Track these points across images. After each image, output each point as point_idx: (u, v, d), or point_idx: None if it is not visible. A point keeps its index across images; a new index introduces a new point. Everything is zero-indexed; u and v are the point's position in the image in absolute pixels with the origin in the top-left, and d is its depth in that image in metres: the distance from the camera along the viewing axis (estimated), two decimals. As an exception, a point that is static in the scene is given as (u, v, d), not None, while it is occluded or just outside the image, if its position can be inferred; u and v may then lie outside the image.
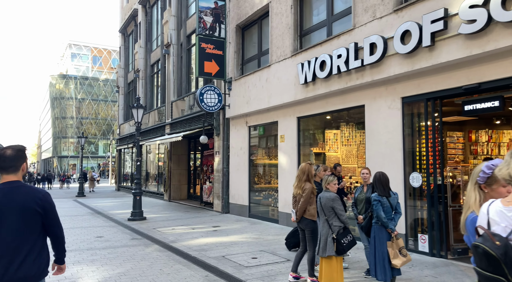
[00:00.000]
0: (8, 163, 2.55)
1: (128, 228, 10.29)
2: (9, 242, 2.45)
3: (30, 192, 2.57)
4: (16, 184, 2.56)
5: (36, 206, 2.54)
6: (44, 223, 2.60)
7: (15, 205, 2.48)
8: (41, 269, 2.55)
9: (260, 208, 11.58)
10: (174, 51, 17.88)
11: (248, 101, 11.53)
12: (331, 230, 4.35)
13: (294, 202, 5.33)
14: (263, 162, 11.77)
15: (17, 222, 2.47)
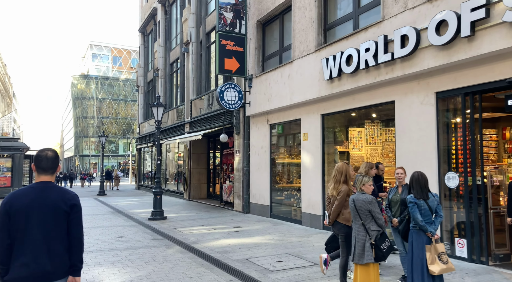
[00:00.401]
0: (50, 164, 2.66)
1: (149, 227, 10.18)
2: (38, 239, 2.52)
3: (61, 192, 2.66)
4: (49, 184, 2.65)
5: (65, 206, 2.61)
6: (68, 223, 2.64)
7: (47, 204, 2.56)
8: (63, 267, 2.60)
9: (282, 208, 11.28)
10: (193, 49, 17.75)
11: (269, 98, 11.24)
12: (369, 235, 4.02)
13: (328, 204, 5.01)
14: (284, 160, 11.46)
15: (46, 220, 2.55)
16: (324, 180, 9.39)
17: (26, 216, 2.52)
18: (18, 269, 2.48)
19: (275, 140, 11.82)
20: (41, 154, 2.67)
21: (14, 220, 2.50)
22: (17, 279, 2.48)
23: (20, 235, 2.51)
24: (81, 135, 70.53)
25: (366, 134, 9.25)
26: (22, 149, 21.39)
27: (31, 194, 2.58)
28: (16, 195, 2.60)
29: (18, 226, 2.51)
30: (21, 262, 2.48)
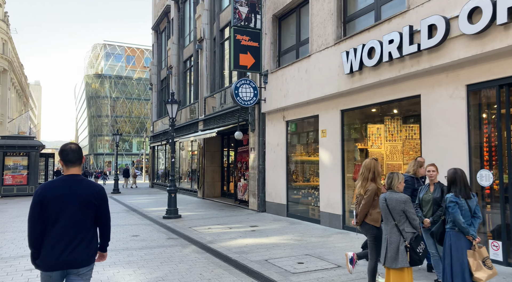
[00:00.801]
0: (76, 156, 2.85)
1: (164, 226, 10.00)
2: (68, 228, 2.71)
3: (89, 185, 2.86)
4: (78, 177, 2.85)
5: (93, 199, 2.82)
6: (96, 214, 2.86)
7: (77, 196, 2.76)
8: (90, 255, 2.82)
9: (299, 207, 10.98)
10: (207, 46, 17.55)
11: (286, 94, 10.94)
12: (403, 237, 3.70)
13: (356, 203, 4.71)
14: (301, 158, 11.15)
15: (76, 211, 2.74)
16: (344, 178, 9.06)
17: (57, 206, 2.71)
18: (49, 254, 2.68)
19: (291, 137, 11.53)
20: (66, 148, 2.86)
21: (47, 209, 2.70)
22: (47, 263, 2.68)
23: (51, 223, 2.71)
24: (95, 134, 71.32)
25: (387, 130, 8.89)
26: (38, 147, 21.56)
27: (62, 186, 2.77)
28: (48, 186, 2.78)
29: (50, 215, 2.70)
30: (50, 249, 2.68)
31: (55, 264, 2.69)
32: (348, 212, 8.98)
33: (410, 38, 6.75)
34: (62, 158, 2.86)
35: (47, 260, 2.69)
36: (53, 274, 2.72)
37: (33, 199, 2.76)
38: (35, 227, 2.70)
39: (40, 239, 2.72)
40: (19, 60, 66.88)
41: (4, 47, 50.86)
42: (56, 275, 2.73)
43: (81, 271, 2.79)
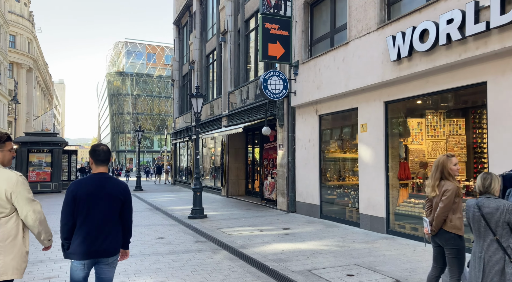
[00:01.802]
0: (106, 156, 3.07)
1: (190, 227, 9.39)
2: (98, 221, 2.95)
3: (116, 182, 3.09)
4: (106, 175, 3.08)
5: (120, 195, 3.05)
6: (122, 209, 3.08)
7: (105, 193, 2.99)
8: (117, 246, 3.07)
9: (334, 208, 10.16)
10: (231, 38, 16.86)
11: (319, 86, 10.12)
12: (509, 257, 2.88)
13: (428, 208, 3.88)
14: (336, 155, 10.32)
15: (105, 206, 2.98)
16: (388, 177, 8.19)
17: (88, 201, 2.94)
18: (80, 245, 2.89)
19: (325, 132, 10.70)
20: (98, 148, 3.08)
21: (78, 204, 2.93)
22: (78, 253, 2.90)
23: (82, 217, 2.94)
24: (117, 131, 72.03)
25: (435, 124, 7.97)
26: (61, 144, 21.43)
27: (92, 183, 3.00)
28: (80, 183, 3.01)
29: (81, 210, 2.93)
30: (82, 240, 2.90)
31: (87, 253, 2.92)
32: (393, 214, 8.11)
33: (475, 15, 5.83)
34: (93, 157, 3.07)
35: (80, 249, 2.91)
36: (85, 262, 2.95)
37: (66, 195, 2.99)
38: (68, 221, 2.94)
39: (72, 231, 2.95)
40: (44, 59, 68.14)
41: (29, 46, 51.74)
42: (88, 264, 2.97)
43: (110, 260, 3.05)
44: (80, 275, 2.96)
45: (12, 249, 2.67)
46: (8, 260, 2.64)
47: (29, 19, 52.49)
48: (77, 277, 2.96)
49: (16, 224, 2.74)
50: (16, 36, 49.15)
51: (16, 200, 2.72)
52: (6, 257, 2.64)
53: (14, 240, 2.69)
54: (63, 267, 5.75)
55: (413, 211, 7.69)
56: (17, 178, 2.75)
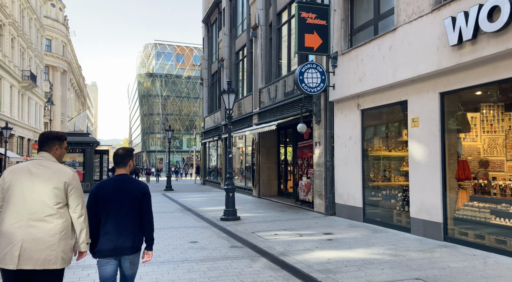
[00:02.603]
0: (119, 159, 3.28)
1: (223, 230, 8.82)
2: (119, 219, 3.14)
3: (135, 182, 3.27)
4: (125, 176, 3.28)
5: (139, 194, 3.22)
6: (141, 208, 3.23)
7: (125, 192, 3.18)
8: (138, 244, 3.20)
9: (379, 211, 9.31)
10: (262, 33, 16.24)
11: (362, 78, 9.29)
12: None
13: None
14: (381, 153, 9.45)
15: (125, 204, 3.16)
16: (445, 178, 7.27)
17: (109, 201, 3.13)
18: (104, 242, 3.08)
19: (368, 129, 9.85)
20: (116, 152, 3.28)
21: (101, 204, 3.13)
22: (103, 250, 3.08)
23: (105, 216, 3.12)
24: (147, 131, 73.23)
25: (497, 118, 7.00)
26: (93, 144, 21.57)
27: (113, 184, 3.19)
28: (102, 185, 3.20)
29: (104, 209, 3.12)
30: (106, 238, 3.08)
31: (110, 251, 3.07)
32: (451, 219, 7.19)
33: None
34: (113, 160, 3.30)
35: (104, 247, 3.06)
36: (110, 260, 3.10)
37: (89, 197, 3.10)
38: (91, 221, 3.06)
39: (95, 230, 3.10)
40: (77, 62, 70.24)
41: (64, 49, 53.33)
42: (112, 261, 3.11)
43: (131, 258, 3.16)
44: (107, 272, 3.11)
45: (66, 241, 2.80)
46: (59, 251, 2.74)
47: (63, 23, 54.13)
48: (104, 274, 3.12)
49: (68, 218, 2.87)
50: (52, 40, 50.78)
51: (71, 192, 2.86)
52: (59, 247, 2.75)
53: (67, 232, 2.82)
54: (91, 275, 5.29)
55: (477, 216, 6.75)
56: (73, 173, 2.93)
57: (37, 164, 2.83)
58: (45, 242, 2.68)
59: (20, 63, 33.13)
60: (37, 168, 2.80)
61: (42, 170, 2.80)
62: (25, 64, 34.60)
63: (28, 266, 2.64)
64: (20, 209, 2.71)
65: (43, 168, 2.81)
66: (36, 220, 2.70)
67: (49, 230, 2.71)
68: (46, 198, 2.74)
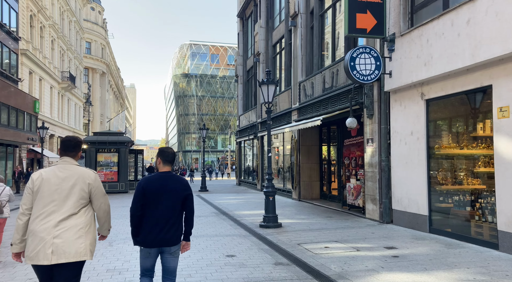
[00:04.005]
0: (172, 158, 3.56)
1: (264, 240, 7.64)
2: (164, 213, 3.36)
3: (178, 179, 3.52)
4: (170, 173, 3.52)
5: (182, 191, 3.46)
6: (184, 203, 3.47)
7: (170, 189, 3.41)
8: (179, 236, 3.45)
9: (450, 221, 7.75)
10: (302, 21, 14.93)
11: (428, 62, 7.78)
12: None
13: None
14: (453, 151, 7.88)
15: (169, 200, 3.39)
16: (551, 182, 5.67)
17: (155, 196, 3.37)
18: (147, 234, 3.34)
19: (435, 122, 8.30)
20: (166, 150, 3.57)
21: (147, 198, 3.36)
22: (145, 241, 3.34)
23: (150, 209, 3.37)
24: (183, 132, 73.73)
25: None
26: (127, 143, 21.15)
27: (159, 180, 3.43)
28: (149, 180, 3.45)
29: (149, 203, 3.37)
30: (149, 229, 3.34)
31: (153, 242, 3.34)
32: (560, 236, 5.58)
33: None
34: (162, 158, 3.52)
35: (148, 238, 3.33)
36: (152, 250, 3.37)
37: (136, 190, 3.42)
38: (137, 211, 3.36)
39: (139, 220, 3.37)
40: (116, 64, 71.95)
41: (102, 51, 54.52)
42: (154, 252, 3.39)
43: (173, 249, 3.43)
44: (148, 262, 3.39)
45: (91, 235, 3.07)
46: (88, 244, 3.01)
47: (102, 26, 55.36)
48: (146, 264, 3.40)
49: (92, 213, 3.16)
50: (91, 42, 52.02)
51: (94, 193, 3.12)
52: (87, 240, 3.01)
53: (91, 227, 3.08)
54: None
55: None
56: (95, 174, 3.17)
57: (62, 168, 3.09)
58: (75, 237, 2.93)
59: (59, 65, 33.77)
60: (62, 172, 3.07)
61: (68, 173, 3.07)
62: (64, 66, 35.29)
63: (62, 260, 2.88)
64: (48, 210, 2.95)
65: (68, 171, 3.08)
66: (64, 219, 2.95)
67: (76, 225, 2.98)
68: (73, 198, 3.01)
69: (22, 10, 24.57)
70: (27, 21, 25.58)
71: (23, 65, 24.77)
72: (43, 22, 28.59)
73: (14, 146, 23.64)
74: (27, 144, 23.55)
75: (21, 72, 24.46)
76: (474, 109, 7.39)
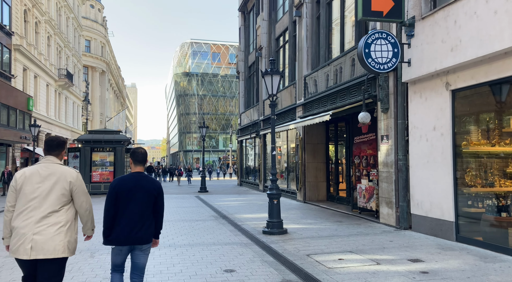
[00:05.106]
0: (143, 158, 3.62)
1: (268, 250, 6.68)
2: (135, 213, 3.45)
3: (150, 180, 3.60)
4: (142, 174, 3.61)
5: (154, 192, 3.55)
6: (155, 203, 3.57)
7: (141, 188, 3.49)
8: (150, 235, 3.55)
9: (482, 228, 6.77)
10: (307, 11, 13.96)
11: (455, 46, 6.80)
12: None
13: None
14: (484, 149, 6.90)
15: (141, 199, 3.48)
16: None
17: (127, 195, 3.45)
18: (119, 233, 3.41)
19: (462, 116, 7.32)
20: (137, 151, 3.63)
21: (119, 198, 3.45)
22: (117, 240, 3.42)
23: (122, 209, 3.44)
24: (184, 131, 72.83)
25: None
26: (124, 142, 20.22)
27: (131, 180, 3.52)
28: (122, 179, 3.55)
29: (121, 202, 3.45)
30: (121, 228, 3.41)
31: (125, 240, 3.41)
32: None
33: None
34: (132, 158, 3.60)
35: (119, 237, 3.40)
36: (123, 248, 3.46)
37: (109, 190, 3.49)
38: (110, 212, 3.44)
39: (112, 221, 3.44)
40: (116, 62, 71.08)
41: (102, 50, 53.62)
42: (125, 249, 3.47)
43: (144, 247, 3.53)
44: (119, 259, 3.50)
45: (70, 233, 3.16)
46: (66, 241, 3.09)
47: (102, 24, 54.46)
48: (117, 261, 3.51)
49: (74, 212, 3.25)
50: (91, 40, 51.13)
51: (76, 191, 3.21)
52: (66, 238, 3.09)
53: (72, 225, 3.19)
54: None
55: None
56: (77, 173, 3.27)
57: (45, 166, 3.19)
58: (53, 235, 3.03)
59: (56, 62, 32.88)
60: (45, 170, 3.16)
61: (50, 172, 3.15)
62: (62, 63, 34.39)
63: (40, 256, 2.99)
64: (30, 207, 3.06)
65: (50, 170, 3.17)
66: (45, 217, 3.06)
67: (57, 223, 3.08)
68: (54, 196, 3.11)
69: (16, 4, 23.67)
70: (21, 16, 24.68)
71: (17, 61, 23.88)
72: (38, 17, 27.69)
73: (7, 145, 22.75)
74: (20, 142, 22.66)
75: (15, 68, 23.57)
76: (510, 100, 6.40)
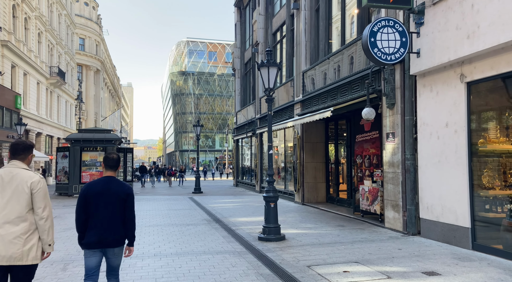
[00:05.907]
0: (114, 163, 3.65)
1: (264, 260, 5.96)
2: (105, 215, 3.48)
3: (119, 183, 3.62)
4: (113, 178, 3.62)
5: (123, 195, 3.56)
6: (125, 207, 3.57)
7: (111, 192, 3.52)
8: (121, 237, 3.55)
9: (502, 235, 6.09)
10: (306, 3, 13.28)
11: (472, 33, 6.12)
12: None
13: None
14: (503, 147, 6.22)
15: (110, 202, 3.50)
16: None
17: (97, 199, 3.48)
18: (91, 236, 3.44)
19: (479, 111, 6.64)
20: (109, 156, 3.64)
21: (89, 202, 3.48)
22: (90, 243, 3.44)
23: (92, 213, 3.48)
24: (180, 131, 71.99)
25: None
26: (115, 141, 19.45)
27: (100, 184, 3.53)
28: (91, 184, 3.56)
29: (91, 206, 3.48)
30: (93, 232, 3.44)
31: (97, 243, 3.44)
32: None
33: None
34: (104, 163, 3.63)
35: (91, 240, 3.43)
36: (96, 251, 3.47)
37: (79, 195, 3.52)
38: (80, 216, 3.49)
39: (84, 225, 3.49)
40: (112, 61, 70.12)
41: (97, 48, 52.70)
42: (98, 253, 3.48)
43: (115, 250, 3.54)
44: (92, 262, 3.48)
45: (31, 241, 3.06)
46: (26, 249, 3.01)
47: (96, 22, 53.54)
48: (89, 264, 3.49)
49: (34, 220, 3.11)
50: (85, 39, 50.19)
51: (34, 195, 3.10)
52: (25, 246, 3.03)
53: (32, 233, 3.08)
54: None
55: None
56: (39, 178, 3.18)
57: (9, 171, 3.13)
58: (11, 242, 2.98)
59: (48, 60, 32.02)
60: (8, 175, 3.10)
61: (12, 176, 3.10)
62: (53, 61, 33.54)
63: None
64: None
65: (13, 174, 3.10)
66: (5, 223, 3.01)
67: (15, 231, 3.01)
68: (14, 202, 3.05)
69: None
70: (9, 11, 23.84)
71: (5, 58, 23.05)
72: (28, 13, 26.84)
73: (-6, 144, 21.93)
74: (7, 142, 21.83)
75: (2, 65, 22.74)
76: (535, 92, 5.73)
